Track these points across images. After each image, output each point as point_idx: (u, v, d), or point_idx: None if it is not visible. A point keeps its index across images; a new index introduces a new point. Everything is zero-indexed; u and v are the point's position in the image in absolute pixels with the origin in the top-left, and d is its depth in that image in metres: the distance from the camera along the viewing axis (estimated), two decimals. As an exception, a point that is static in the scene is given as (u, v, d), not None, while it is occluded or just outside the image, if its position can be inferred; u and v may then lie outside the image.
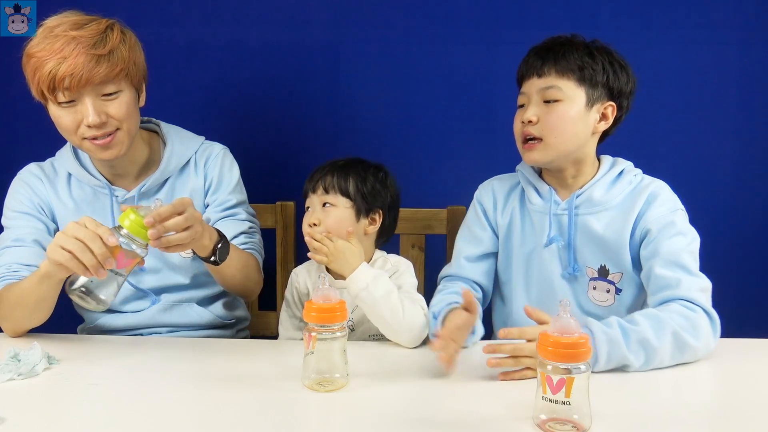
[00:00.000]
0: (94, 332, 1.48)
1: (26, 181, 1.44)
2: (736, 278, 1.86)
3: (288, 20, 1.88)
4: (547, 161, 1.31)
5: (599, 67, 1.28)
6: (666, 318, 1.13)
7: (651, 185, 1.31)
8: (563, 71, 1.27)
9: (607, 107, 1.30)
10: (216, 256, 1.27)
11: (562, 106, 1.27)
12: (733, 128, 1.85)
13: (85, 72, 1.23)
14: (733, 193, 1.87)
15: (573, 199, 1.32)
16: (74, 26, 1.26)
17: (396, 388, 1.07)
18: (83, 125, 1.28)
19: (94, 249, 1.09)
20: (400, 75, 1.89)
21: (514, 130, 1.34)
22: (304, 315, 1.06)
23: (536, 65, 1.29)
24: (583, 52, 1.28)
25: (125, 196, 1.43)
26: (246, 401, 1.01)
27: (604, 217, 1.30)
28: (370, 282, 1.23)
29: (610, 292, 1.31)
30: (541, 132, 1.28)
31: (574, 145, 1.29)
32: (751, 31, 1.82)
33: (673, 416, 0.97)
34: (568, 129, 1.27)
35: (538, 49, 1.32)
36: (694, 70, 1.83)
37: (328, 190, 1.35)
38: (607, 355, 1.09)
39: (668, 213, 1.27)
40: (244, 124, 1.92)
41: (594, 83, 1.28)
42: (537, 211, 1.36)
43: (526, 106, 1.30)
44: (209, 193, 1.49)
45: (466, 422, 0.94)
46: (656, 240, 1.25)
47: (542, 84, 1.28)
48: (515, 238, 1.39)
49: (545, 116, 1.27)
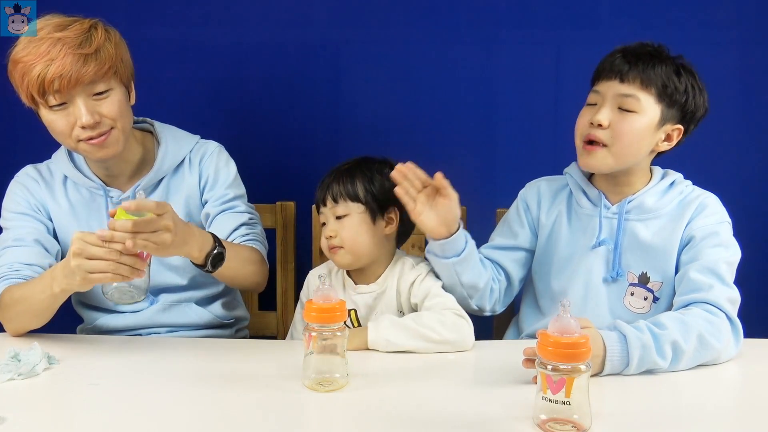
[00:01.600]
0: (93, 332, 1.48)
1: (23, 183, 1.44)
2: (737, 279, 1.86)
3: (288, 20, 1.88)
4: (602, 170, 1.29)
5: (682, 87, 1.25)
6: (690, 321, 1.13)
7: (701, 196, 1.31)
8: (647, 83, 1.24)
9: (675, 129, 1.28)
10: (209, 265, 1.26)
11: (637, 117, 1.24)
12: (732, 128, 1.85)
13: (74, 72, 1.23)
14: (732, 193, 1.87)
15: (624, 204, 1.31)
16: (58, 28, 1.25)
17: (396, 388, 1.07)
18: (77, 127, 1.28)
19: (124, 261, 1.12)
20: (400, 75, 1.89)
21: (578, 127, 1.30)
22: (304, 315, 1.06)
23: (622, 68, 1.25)
24: (671, 69, 1.25)
25: (120, 197, 1.43)
26: (246, 401, 1.01)
27: (654, 224, 1.29)
28: (390, 338, 1.19)
29: (647, 299, 1.29)
30: (609, 139, 1.24)
31: (634, 159, 1.28)
32: (751, 31, 1.82)
33: (673, 416, 0.97)
34: (635, 142, 1.25)
35: (625, 51, 1.27)
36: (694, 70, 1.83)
37: (337, 200, 1.30)
38: (638, 360, 1.09)
39: (714, 223, 1.27)
40: (244, 124, 1.92)
41: (672, 103, 1.25)
42: (586, 214, 1.34)
43: (599, 107, 1.26)
44: (206, 189, 1.48)
45: (466, 422, 0.94)
46: (698, 247, 1.25)
47: (623, 90, 1.24)
48: (560, 239, 1.36)
49: (617, 124, 1.24)
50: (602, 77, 1.28)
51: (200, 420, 0.96)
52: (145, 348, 1.28)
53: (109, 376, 1.12)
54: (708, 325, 1.13)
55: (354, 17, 1.87)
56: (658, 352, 1.09)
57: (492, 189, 1.86)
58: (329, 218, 1.32)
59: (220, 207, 1.46)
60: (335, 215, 1.31)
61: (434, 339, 1.20)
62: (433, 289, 1.29)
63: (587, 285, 1.32)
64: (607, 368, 1.08)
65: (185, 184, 1.46)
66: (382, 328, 1.20)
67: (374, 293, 1.33)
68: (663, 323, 1.13)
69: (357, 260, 1.31)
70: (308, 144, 1.91)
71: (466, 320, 1.24)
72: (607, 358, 1.08)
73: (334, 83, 1.89)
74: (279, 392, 1.04)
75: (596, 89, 1.29)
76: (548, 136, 1.83)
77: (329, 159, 1.41)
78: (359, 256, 1.31)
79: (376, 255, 1.32)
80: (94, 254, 1.11)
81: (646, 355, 1.09)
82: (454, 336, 1.21)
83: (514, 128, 1.88)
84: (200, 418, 0.97)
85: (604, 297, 1.31)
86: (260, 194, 1.66)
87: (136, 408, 1.00)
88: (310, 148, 1.91)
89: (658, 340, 1.10)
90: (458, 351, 1.21)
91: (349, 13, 1.87)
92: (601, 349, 1.08)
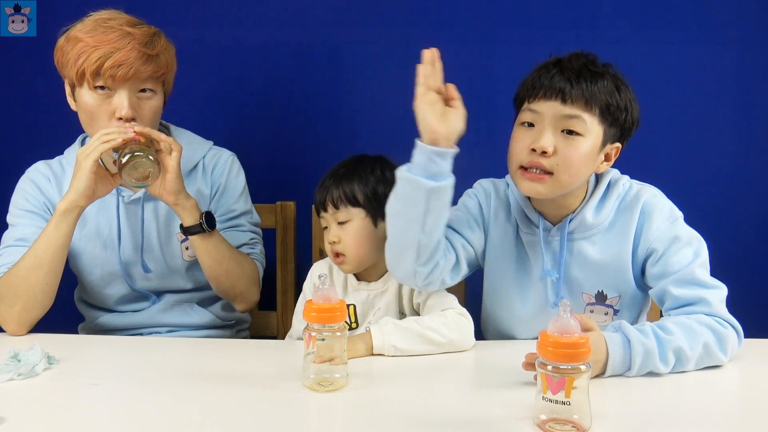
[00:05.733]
0: (94, 331, 1.49)
1: (33, 179, 1.45)
2: (737, 278, 1.86)
3: (288, 20, 1.88)
4: (546, 197, 1.19)
5: (623, 104, 1.17)
6: (698, 329, 1.11)
7: (641, 196, 1.22)
8: (591, 103, 1.14)
9: (614, 148, 1.21)
10: (204, 222, 1.34)
11: (582, 141, 1.14)
12: (732, 128, 1.85)
13: (135, 66, 1.30)
14: (732, 194, 1.87)
15: (566, 224, 1.23)
16: (129, 23, 1.33)
17: (396, 388, 1.07)
18: (114, 118, 1.32)
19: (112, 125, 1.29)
20: (400, 75, 1.86)
21: (513, 151, 1.19)
22: (304, 315, 1.06)
23: (563, 87, 1.14)
24: (611, 85, 1.16)
25: (131, 197, 1.44)
26: (246, 401, 1.01)
27: (598, 240, 1.23)
28: (396, 344, 1.19)
29: (608, 314, 1.27)
30: (555, 166, 1.14)
31: (577, 184, 1.19)
32: (751, 31, 1.82)
33: (673, 416, 0.97)
34: (582, 168, 1.16)
35: (563, 67, 1.16)
36: (694, 70, 1.83)
37: (338, 206, 1.29)
38: (640, 365, 1.08)
39: (669, 226, 1.20)
40: (244, 124, 1.92)
41: (614, 122, 1.17)
42: (529, 239, 1.28)
43: (539, 130, 1.15)
44: (215, 199, 1.50)
45: (466, 422, 0.94)
46: (664, 258, 1.19)
47: (565, 111, 1.14)
48: (509, 264, 1.30)
49: (563, 150, 1.14)
50: (539, 96, 1.16)
51: (200, 420, 0.96)
52: (146, 348, 1.29)
53: (109, 376, 1.12)
54: (714, 336, 1.12)
55: (354, 17, 1.87)
56: (661, 358, 1.08)
57: (492, 189, 1.85)
58: (331, 223, 1.32)
59: (224, 224, 1.48)
60: (337, 221, 1.30)
61: (438, 341, 1.20)
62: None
63: (542, 309, 1.27)
64: (608, 371, 1.08)
65: (196, 188, 1.47)
66: (387, 334, 1.19)
67: (375, 291, 1.33)
68: (669, 328, 1.11)
69: (360, 266, 1.32)
70: (308, 144, 1.91)
71: (467, 319, 1.24)
72: (609, 363, 1.08)
73: (334, 83, 1.89)
74: (279, 392, 1.04)
75: (533, 108, 1.17)
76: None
77: (329, 159, 1.41)
78: (362, 262, 1.31)
79: (379, 257, 1.32)
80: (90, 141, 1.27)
81: (648, 360, 1.08)
82: (457, 336, 1.21)
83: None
84: (200, 418, 0.97)
85: None
86: (260, 194, 1.67)
87: (136, 408, 1.00)
88: (310, 148, 1.91)
89: (663, 346, 1.09)
90: (460, 351, 1.22)
91: (349, 13, 1.87)
92: (603, 353, 1.07)
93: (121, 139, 1.25)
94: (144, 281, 1.47)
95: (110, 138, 1.25)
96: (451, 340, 1.20)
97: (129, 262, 1.45)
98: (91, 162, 1.25)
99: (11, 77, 1.90)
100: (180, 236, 1.44)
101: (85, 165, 1.25)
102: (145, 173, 1.26)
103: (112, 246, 1.44)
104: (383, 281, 1.33)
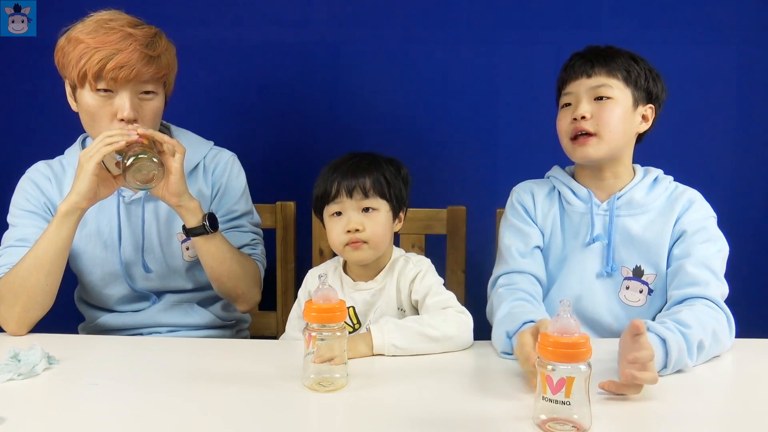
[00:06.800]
0: (94, 331, 1.49)
1: (34, 179, 1.45)
2: (737, 278, 1.86)
3: (288, 20, 1.88)
4: (599, 157, 1.31)
5: (642, 71, 1.34)
6: (703, 318, 1.16)
7: (687, 192, 1.35)
8: (612, 71, 1.32)
9: (648, 109, 1.35)
10: (206, 223, 1.34)
11: (614, 103, 1.31)
12: (732, 128, 1.85)
13: (136, 67, 1.29)
14: (732, 193, 1.87)
15: (614, 200, 1.34)
16: (130, 24, 1.33)
17: (396, 388, 1.07)
18: (115, 119, 1.32)
19: (114, 129, 1.28)
20: (400, 75, 1.89)
21: (560, 129, 1.35)
22: (304, 315, 1.06)
23: (585, 67, 1.33)
24: (627, 57, 1.34)
25: (132, 197, 1.44)
26: (246, 401, 1.01)
27: (643, 219, 1.33)
28: (396, 343, 1.18)
29: (642, 292, 1.32)
30: (596, 127, 1.30)
31: (623, 143, 1.33)
32: (751, 31, 1.82)
33: (673, 416, 0.97)
34: (619, 126, 1.31)
35: (582, 54, 1.36)
36: (694, 70, 1.83)
37: (368, 194, 1.27)
38: (674, 363, 1.08)
39: (703, 218, 1.31)
40: (244, 124, 1.92)
41: (638, 86, 1.33)
42: (577, 212, 1.37)
43: (575, 104, 1.32)
44: (215, 200, 1.50)
45: (465, 422, 0.94)
46: (689, 241, 1.29)
47: (593, 83, 1.31)
48: (555, 239, 1.38)
49: (598, 112, 1.30)
50: (569, 80, 1.35)
51: (200, 420, 0.96)
52: (145, 348, 1.29)
53: (109, 376, 1.12)
54: (716, 322, 1.16)
55: (354, 17, 1.87)
56: (689, 353, 1.10)
57: (492, 189, 1.86)
58: (352, 211, 1.28)
59: (225, 225, 1.48)
60: (362, 208, 1.28)
61: (439, 339, 1.20)
62: (434, 287, 1.29)
63: (581, 281, 1.34)
64: None
65: (197, 189, 1.47)
66: (387, 333, 1.19)
67: (373, 290, 1.33)
68: (686, 322, 1.13)
69: (375, 255, 1.31)
70: (308, 144, 1.91)
71: (467, 316, 1.24)
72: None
73: (334, 83, 1.89)
74: (279, 392, 1.04)
75: (567, 91, 1.36)
76: (548, 136, 1.81)
77: (329, 159, 1.41)
78: (379, 252, 1.30)
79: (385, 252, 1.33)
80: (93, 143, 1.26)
81: (680, 358, 1.09)
82: (458, 334, 1.21)
83: (514, 128, 1.88)
84: (200, 418, 0.97)
85: (599, 292, 1.33)
86: (260, 194, 1.67)
87: (136, 408, 1.00)
88: (310, 148, 1.91)
89: (688, 340, 1.10)
90: (460, 349, 1.22)
91: (349, 13, 1.87)
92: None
93: (125, 142, 1.25)
94: (144, 281, 1.47)
95: (113, 140, 1.25)
96: (451, 336, 1.21)
97: (129, 262, 1.45)
98: (94, 164, 1.25)
99: (11, 77, 1.90)
100: (180, 236, 1.44)
101: (88, 167, 1.25)
102: (149, 175, 1.25)
103: (112, 246, 1.44)
104: (379, 279, 1.33)
